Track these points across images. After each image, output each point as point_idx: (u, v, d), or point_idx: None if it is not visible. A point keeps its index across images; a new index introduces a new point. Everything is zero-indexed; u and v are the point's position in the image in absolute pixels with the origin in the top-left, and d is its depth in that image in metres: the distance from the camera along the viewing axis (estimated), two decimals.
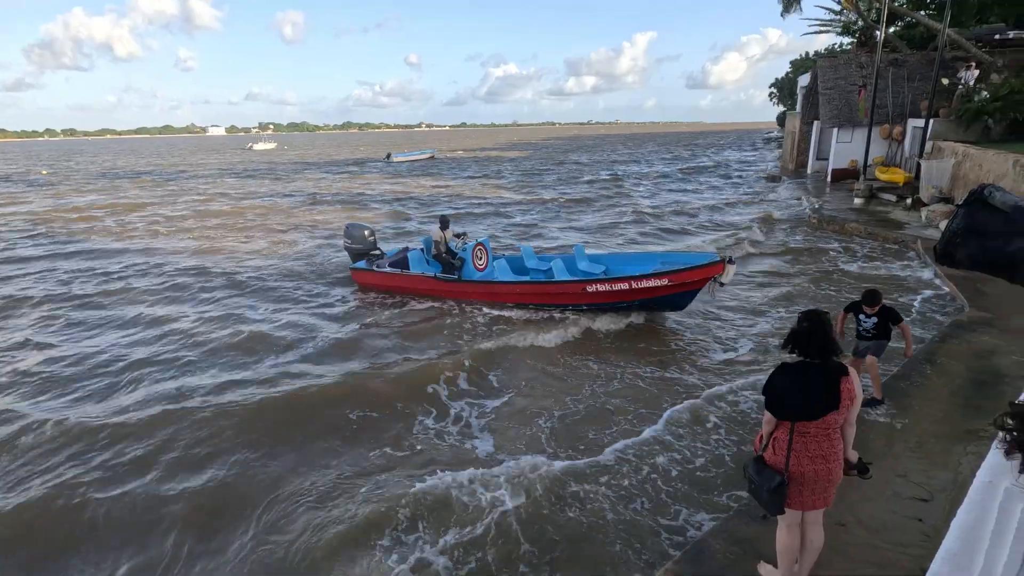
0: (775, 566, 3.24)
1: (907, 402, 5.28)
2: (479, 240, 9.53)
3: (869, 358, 5.22)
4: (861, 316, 5.19)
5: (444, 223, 9.39)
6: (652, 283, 7.71)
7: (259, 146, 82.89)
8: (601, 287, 7.97)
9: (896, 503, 3.93)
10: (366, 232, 10.45)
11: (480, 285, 8.94)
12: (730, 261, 7.34)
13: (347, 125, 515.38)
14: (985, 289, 8.28)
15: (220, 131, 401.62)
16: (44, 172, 45.76)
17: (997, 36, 21.85)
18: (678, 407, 5.90)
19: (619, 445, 5.28)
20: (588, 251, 10.01)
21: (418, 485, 4.75)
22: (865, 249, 12.31)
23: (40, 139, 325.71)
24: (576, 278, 8.62)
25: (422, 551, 4.09)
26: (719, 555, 3.52)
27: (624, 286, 7.84)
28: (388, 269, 9.78)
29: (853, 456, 2.95)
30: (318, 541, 4.22)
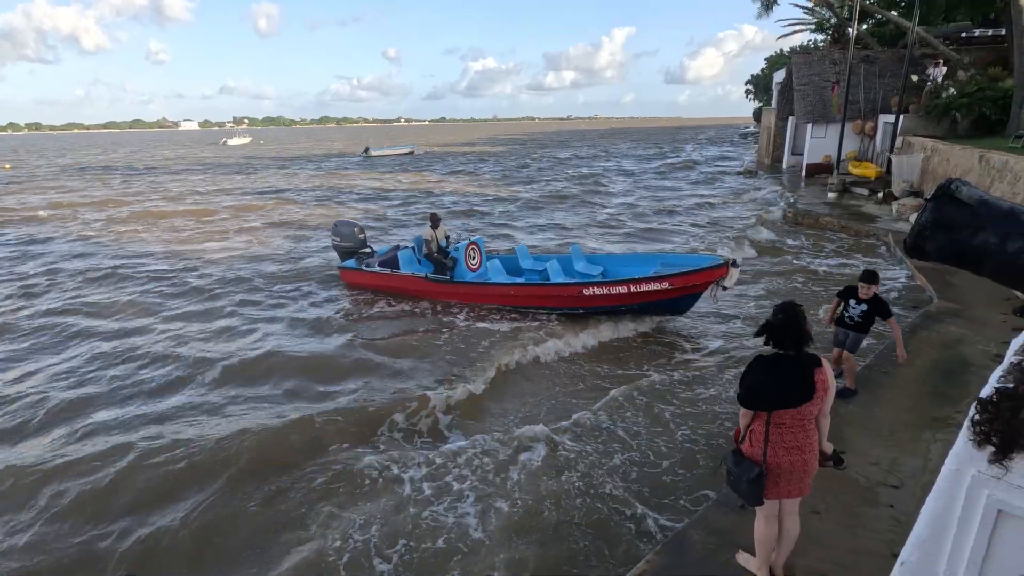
0: (753, 555, 3.30)
1: (878, 392, 5.41)
2: (472, 239, 9.24)
3: (845, 354, 5.23)
4: (851, 301, 5.12)
5: (435, 221, 9.10)
6: (652, 287, 7.40)
7: (234, 141, 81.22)
8: (598, 290, 7.69)
9: (868, 490, 4.03)
10: (355, 229, 10.12)
11: (472, 286, 8.66)
12: (734, 264, 7.11)
13: (324, 120, 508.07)
14: (953, 281, 8.52)
15: (193, 125, 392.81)
16: (7, 167, 44.23)
17: (964, 34, 22.49)
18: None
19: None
20: (585, 251, 9.74)
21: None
22: (834, 245, 12.58)
23: (3, 133, 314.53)
24: (572, 280, 8.39)
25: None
26: (698, 546, 3.57)
27: (622, 289, 7.55)
28: (377, 269, 9.47)
29: (828, 448, 2.99)
30: None
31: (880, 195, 15.81)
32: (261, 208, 20.98)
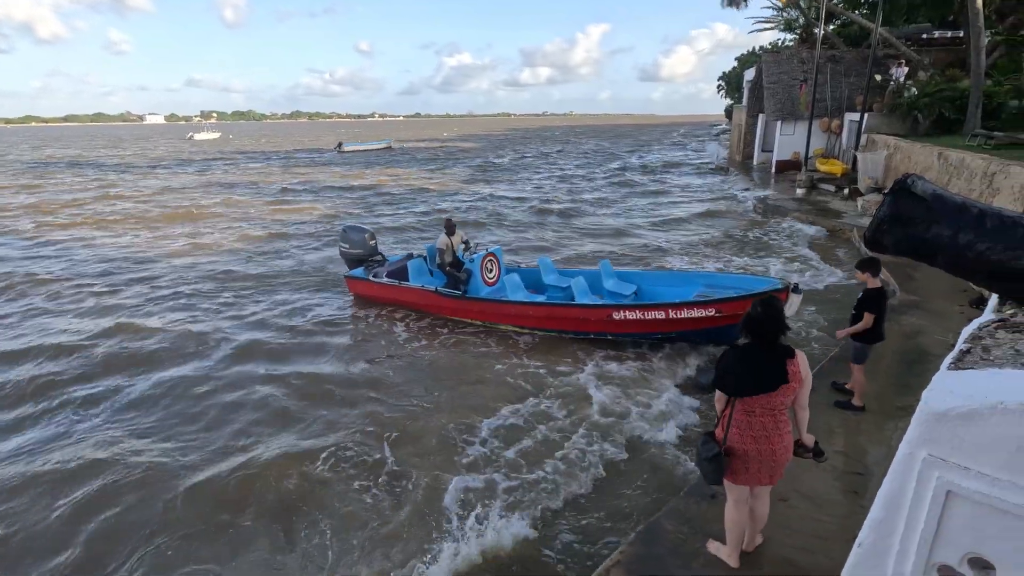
0: (723, 543, 3.38)
1: (844, 382, 5.57)
2: (490, 249, 8.46)
3: (852, 366, 4.96)
4: None
5: (450, 228, 8.31)
6: (696, 313, 6.33)
7: (201, 136, 78.44)
8: (631, 314, 6.67)
9: (835, 478, 4.15)
10: (366, 236, 9.41)
11: (487, 304, 7.75)
12: (795, 289, 5.92)
13: (296, 114, 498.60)
14: (914, 275, 8.83)
15: (159, 119, 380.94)
16: None
17: (924, 35, 23.22)
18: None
19: None
20: (617, 267, 8.91)
21: None
22: (807, 237, 12.91)
23: None
24: (601, 302, 7.39)
25: None
26: (671, 534, 3.64)
27: (659, 315, 6.52)
28: (385, 280, 8.69)
29: (809, 440, 3.07)
30: None
31: (846, 191, 16.26)
32: (228, 206, 20.52)
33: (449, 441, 5.44)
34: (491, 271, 8.27)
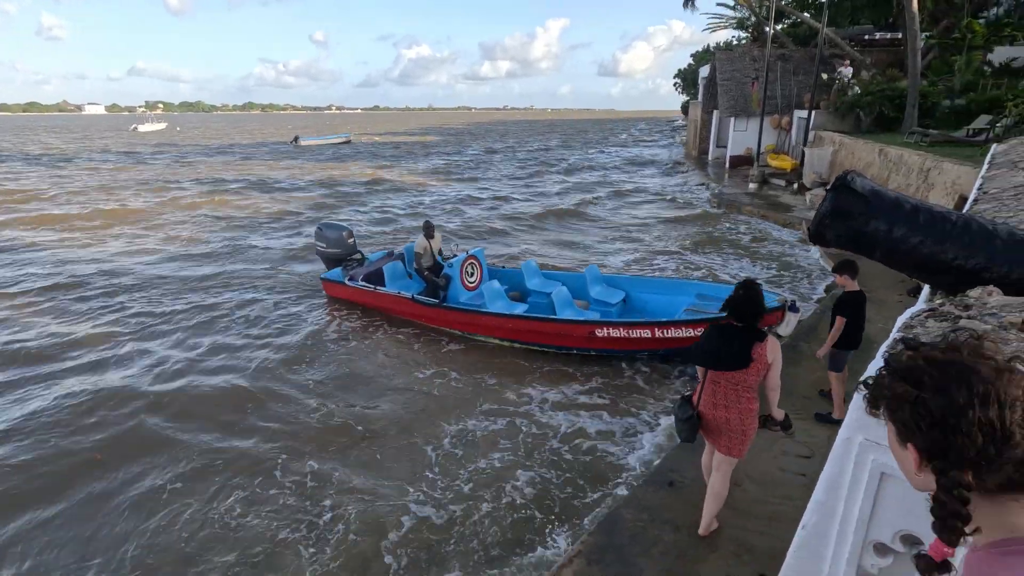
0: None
1: (793, 369, 5.81)
2: (471, 252, 8.11)
3: (829, 374, 4.82)
4: None
5: (429, 230, 7.92)
6: (685, 332, 5.97)
7: (145, 127, 73.84)
8: (615, 332, 6.31)
9: (783, 461, 4.33)
10: (344, 234, 8.95)
11: (464, 314, 7.36)
12: (791, 308, 5.90)
13: (249, 106, 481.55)
14: (861, 266, 9.25)
15: (99, 109, 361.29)
16: None
17: (867, 36, 24.32)
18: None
19: None
20: (605, 270, 8.49)
21: None
22: (754, 233, 13.37)
23: None
24: (583, 317, 6.86)
25: None
26: (630, 523, 3.72)
27: (645, 333, 6.18)
28: (360, 284, 8.27)
29: (779, 414, 3.29)
30: None
31: (795, 186, 16.90)
32: (178, 201, 19.67)
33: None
34: (472, 275, 7.97)
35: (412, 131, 79.57)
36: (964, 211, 5.95)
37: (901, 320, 1.90)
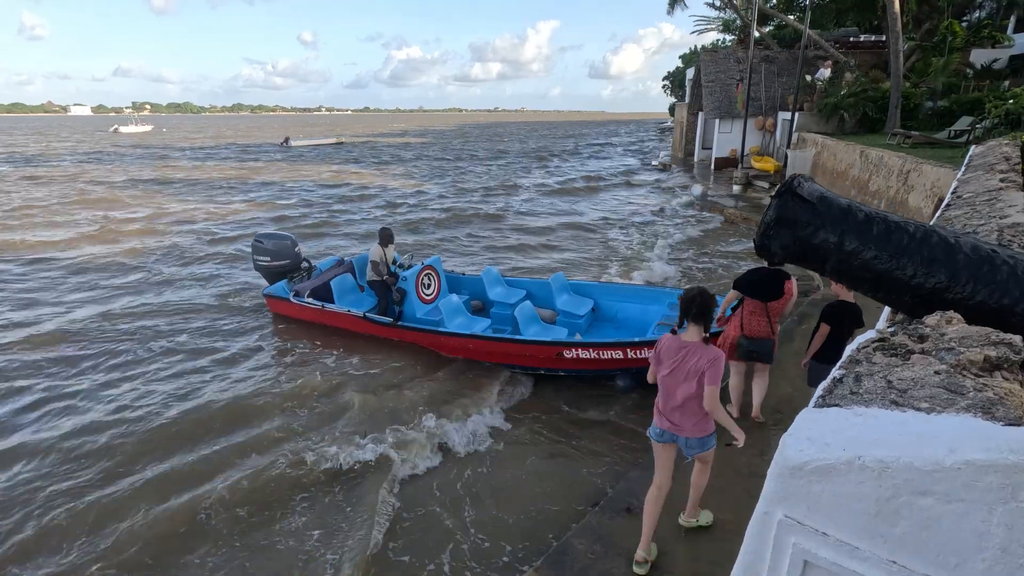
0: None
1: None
2: (426, 262, 7.50)
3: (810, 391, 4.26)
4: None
5: (385, 238, 7.27)
6: None
7: (128, 128, 71.02)
8: (584, 353, 5.88)
9: (751, 484, 4.06)
10: (288, 243, 8.23)
11: (420, 334, 6.83)
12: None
13: (237, 107, 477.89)
14: None
15: (85, 110, 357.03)
16: None
17: (851, 39, 24.34)
18: None
19: None
20: (573, 277, 8.04)
21: None
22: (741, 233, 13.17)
23: None
24: (549, 338, 6.32)
25: None
26: (581, 555, 3.43)
27: (616, 354, 5.77)
28: (307, 301, 7.55)
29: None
30: None
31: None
32: (151, 199, 19.17)
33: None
34: (429, 287, 7.42)
35: (404, 132, 78.92)
36: (937, 215, 5.74)
37: (849, 350, 1.62)
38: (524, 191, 21.50)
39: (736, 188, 18.17)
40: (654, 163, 29.94)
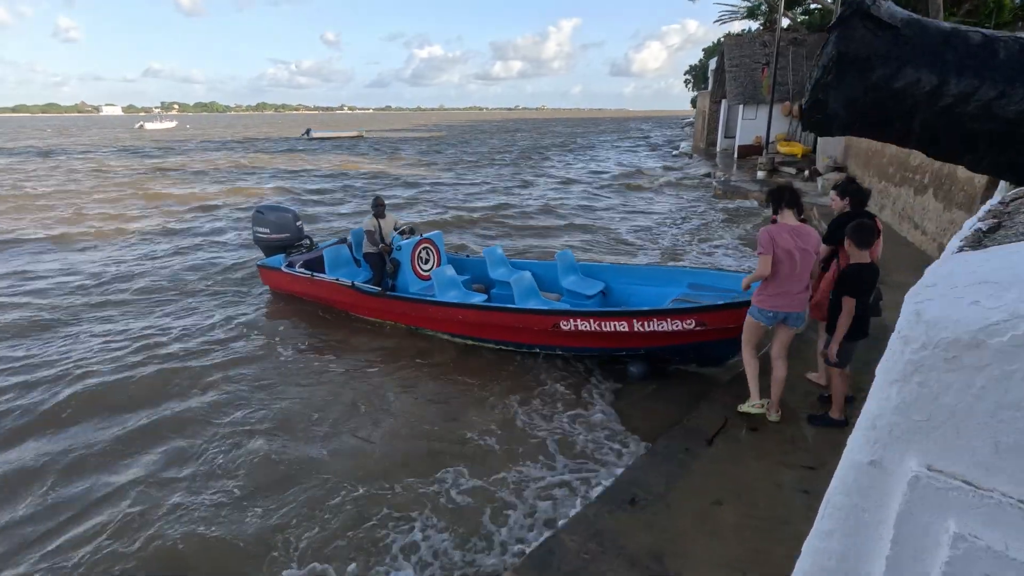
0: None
1: (804, 362, 4.87)
2: (425, 235, 7.10)
3: (829, 369, 3.90)
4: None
5: (379, 208, 6.85)
6: (671, 325, 4.73)
7: (153, 125, 73.30)
8: (584, 324, 5.10)
9: (780, 473, 3.41)
10: (289, 216, 7.86)
11: (410, 305, 6.29)
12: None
13: (261, 106, 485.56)
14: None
15: (116, 110, 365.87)
16: None
17: None
18: None
19: None
20: (582, 259, 7.43)
21: None
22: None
23: None
24: (545, 307, 5.72)
25: None
26: (572, 555, 2.82)
27: (621, 326, 4.96)
28: (298, 271, 7.22)
29: None
30: None
31: (806, 172, 15.84)
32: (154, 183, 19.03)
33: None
34: (427, 261, 6.98)
35: (426, 126, 78.74)
36: (1000, 184, 4.95)
37: (968, 226, 0.99)
38: (544, 182, 20.90)
39: (761, 174, 17.28)
40: (674, 153, 29.04)
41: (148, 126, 72.07)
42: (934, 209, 8.18)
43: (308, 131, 48.73)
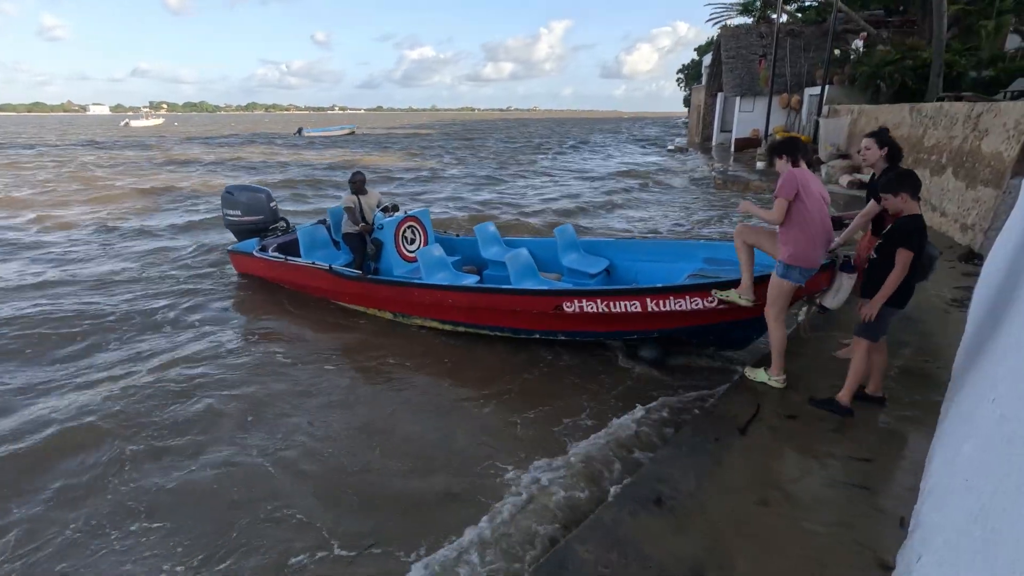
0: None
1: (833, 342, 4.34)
2: (410, 212, 6.48)
3: (856, 342, 3.27)
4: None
5: (358, 185, 6.26)
6: (689, 303, 4.14)
7: (139, 122, 71.60)
8: (589, 305, 4.44)
9: (831, 469, 2.86)
10: (262, 196, 7.29)
11: (394, 289, 5.58)
12: (845, 267, 3.64)
13: (252, 106, 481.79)
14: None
15: (103, 110, 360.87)
16: None
17: (880, 18, 22.86)
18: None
19: None
20: (584, 235, 6.81)
21: None
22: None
23: None
24: (545, 287, 5.09)
25: None
26: (588, 566, 2.26)
27: (633, 305, 4.31)
28: (271, 255, 6.60)
29: None
30: None
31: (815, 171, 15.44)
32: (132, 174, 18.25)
33: None
34: (412, 241, 6.37)
35: (417, 124, 77.78)
36: None
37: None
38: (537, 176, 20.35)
39: (760, 165, 16.91)
40: (669, 148, 28.63)
41: (134, 123, 70.42)
42: (955, 189, 7.71)
43: (300, 129, 48.52)
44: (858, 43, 18.50)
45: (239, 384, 4.50)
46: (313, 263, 6.16)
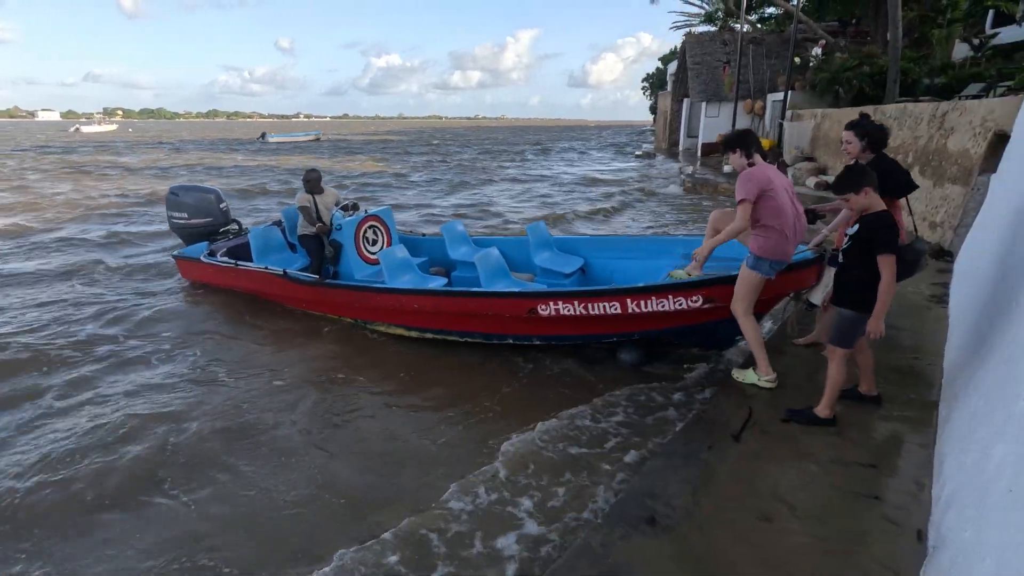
0: None
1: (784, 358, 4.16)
2: (371, 211, 6.11)
3: (831, 350, 3.00)
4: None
5: (312, 182, 5.79)
6: (672, 303, 3.91)
7: (90, 128, 68.36)
8: (566, 307, 4.17)
9: (837, 476, 2.63)
10: (211, 197, 6.83)
11: (355, 294, 5.18)
12: (833, 262, 3.40)
13: (213, 113, 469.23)
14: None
15: (54, 116, 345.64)
16: None
17: (836, 27, 23.62)
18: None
19: None
20: (556, 232, 6.50)
21: None
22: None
23: None
24: (518, 289, 4.74)
25: None
26: None
27: (613, 307, 4.06)
28: (220, 260, 6.14)
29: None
30: None
31: (775, 165, 15.64)
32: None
33: None
34: (374, 243, 6.01)
35: (382, 131, 76.84)
36: (1007, 150, 4.28)
37: None
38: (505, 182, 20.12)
39: (727, 168, 17.04)
40: (636, 153, 28.86)
41: (85, 129, 67.09)
42: (922, 187, 7.77)
43: (264, 135, 47.30)
44: (817, 51, 19.03)
45: (167, 406, 4.00)
46: (266, 268, 5.68)
